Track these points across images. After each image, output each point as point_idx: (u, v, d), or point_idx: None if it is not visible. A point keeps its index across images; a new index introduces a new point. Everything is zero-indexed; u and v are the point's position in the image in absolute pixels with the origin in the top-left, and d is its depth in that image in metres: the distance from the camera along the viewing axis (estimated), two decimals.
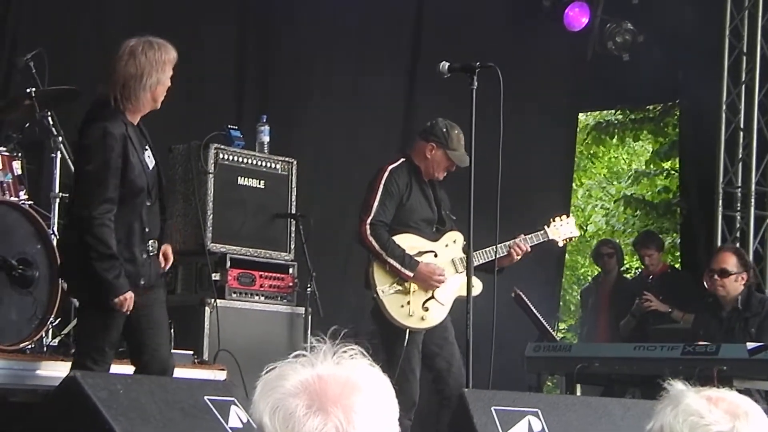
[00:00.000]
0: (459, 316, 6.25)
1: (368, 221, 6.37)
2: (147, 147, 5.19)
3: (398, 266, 6.32)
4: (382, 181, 6.45)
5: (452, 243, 6.52)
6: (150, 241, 5.15)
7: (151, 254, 5.16)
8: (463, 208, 5.87)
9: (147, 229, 5.09)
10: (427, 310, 6.36)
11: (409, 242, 6.42)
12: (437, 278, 6.35)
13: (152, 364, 5.13)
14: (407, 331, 6.33)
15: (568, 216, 7.17)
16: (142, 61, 5.02)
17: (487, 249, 6.45)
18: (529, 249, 6.64)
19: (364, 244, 6.41)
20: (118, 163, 4.96)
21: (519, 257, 6.59)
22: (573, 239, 7.21)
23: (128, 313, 5.02)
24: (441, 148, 6.44)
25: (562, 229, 6.89)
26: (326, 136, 8.98)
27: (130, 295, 4.96)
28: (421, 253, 6.41)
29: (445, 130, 6.45)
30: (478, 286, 6.28)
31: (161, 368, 5.13)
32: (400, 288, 6.37)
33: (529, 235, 6.69)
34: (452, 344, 6.44)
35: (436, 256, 6.45)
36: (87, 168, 5.05)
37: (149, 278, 5.13)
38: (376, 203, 6.40)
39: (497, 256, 6.31)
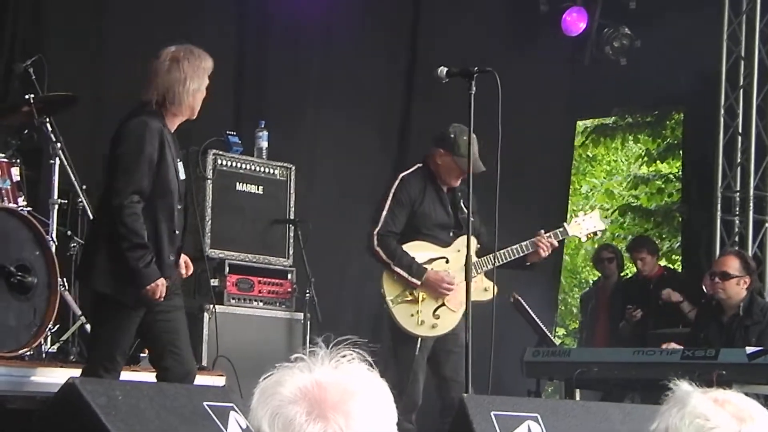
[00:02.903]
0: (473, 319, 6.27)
1: (375, 232, 6.34)
2: (179, 159, 5.21)
3: (406, 275, 6.28)
4: (392, 190, 6.41)
5: (464, 247, 6.46)
6: (176, 247, 5.16)
7: (173, 260, 5.15)
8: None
9: (177, 232, 5.09)
10: (438, 317, 6.32)
11: (419, 250, 6.37)
12: (446, 286, 6.30)
13: (175, 369, 5.11)
14: (419, 338, 6.31)
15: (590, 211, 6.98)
16: (185, 66, 5.10)
17: (505, 250, 6.40)
18: (556, 243, 6.56)
19: (372, 253, 6.38)
20: (153, 156, 4.97)
21: (547, 251, 6.47)
22: (598, 233, 7.04)
23: (144, 314, 5.00)
24: (449, 154, 6.35)
25: (584, 224, 6.74)
26: (324, 141, 8.98)
27: (162, 282, 4.95)
28: (431, 260, 6.35)
29: (453, 135, 6.32)
30: (490, 292, 6.23)
31: (183, 373, 5.12)
32: (409, 297, 6.33)
33: (547, 233, 6.55)
34: (460, 353, 6.31)
35: (447, 262, 6.39)
36: (118, 152, 5.04)
37: (172, 281, 5.12)
38: (384, 213, 6.36)
39: (514, 256, 6.34)
